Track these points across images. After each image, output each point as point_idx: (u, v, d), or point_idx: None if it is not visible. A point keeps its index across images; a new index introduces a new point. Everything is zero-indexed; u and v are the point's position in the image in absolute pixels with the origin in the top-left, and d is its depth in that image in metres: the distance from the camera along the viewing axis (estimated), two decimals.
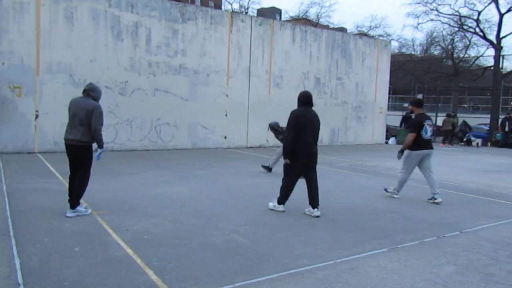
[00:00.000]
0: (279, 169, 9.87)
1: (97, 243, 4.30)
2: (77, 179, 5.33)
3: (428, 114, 27.89)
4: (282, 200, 5.92)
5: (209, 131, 14.39)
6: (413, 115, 7.21)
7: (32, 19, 11.28)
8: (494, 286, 3.59)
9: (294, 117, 5.66)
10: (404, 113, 22.11)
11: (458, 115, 29.54)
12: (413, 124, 7.01)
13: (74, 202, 5.29)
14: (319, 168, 9.99)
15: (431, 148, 6.99)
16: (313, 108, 5.97)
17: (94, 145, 5.37)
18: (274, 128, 9.72)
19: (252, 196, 6.92)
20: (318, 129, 5.89)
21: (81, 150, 5.29)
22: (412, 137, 6.87)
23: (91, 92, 5.41)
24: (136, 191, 6.83)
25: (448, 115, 21.27)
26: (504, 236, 5.09)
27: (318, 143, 6.02)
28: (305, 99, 5.82)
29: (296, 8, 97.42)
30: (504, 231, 5.34)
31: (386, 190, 7.42)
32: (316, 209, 5.78)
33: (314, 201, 5.83)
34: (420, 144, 6.87)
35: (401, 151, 7.20)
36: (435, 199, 6.89)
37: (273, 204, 6.00)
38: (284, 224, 5.26)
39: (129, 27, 12.72)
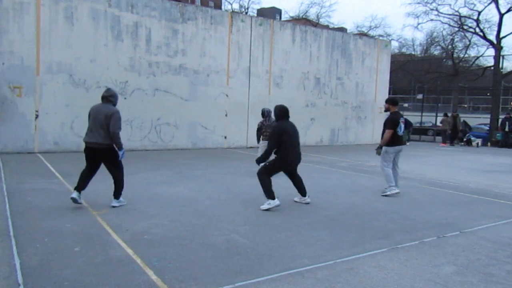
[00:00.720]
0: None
1: (97, 243, 4.30)
2: (113, 175, 5.80)
3: (428, 114, 27.89)
4: (271, 194, 6.04)
5: (209, 131, 14.40)
6: (389, 113, 7.53)
7: (32, 19, 11.28)
8: (494, 286, 3.59)
9: (279, 132, 6.07)
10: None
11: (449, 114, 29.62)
12: (390, 121, 7.35)
13: (117, 193, 5.82)
14: (319, 168, 10.02)
15: (403, 144, 7.58)
16: (313, 108, 6.04)
17: None
18: (264, 115, 9.05)
19: (252, 196, 6.91)
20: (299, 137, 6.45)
21: (105, 151, 5.68)
22: (390, 134, 7.30)
23: (111, 98, 5.80)
24: (136, 191, 6.83)
25: (445, 115, 21.33)
26: (504, 236, 5.09)
27: (318, 143, 6.07)
28: (284, 113, 6.25)
29: (296, 8, 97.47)
30: (504, 231, 5.34)
31: (385, 194, 7.35)
32: (307, 197, 6.46)
33: (303, 191, 6.49)
34: (395, 140, 7.36)
35: (380, 147, 7.61)
36: (386, 193, 7.30)
37: (267, 203, 6.01)
38: (284, 224, 5.26)
39: (129, 27, 12.72)
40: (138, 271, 3.62)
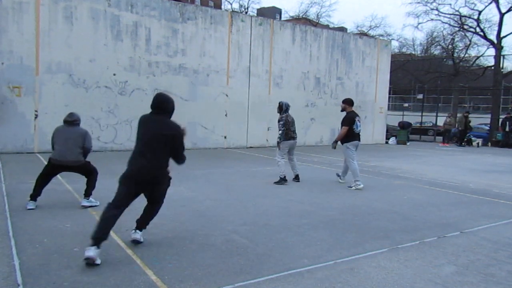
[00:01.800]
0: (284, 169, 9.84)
1: None
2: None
3: (429, 114, 27.95)
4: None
5: (209, 131, 14.39)
6: (346, 112, 8.30)
7: (32, 19, 11.27)
8: (494, 287, 3.59)
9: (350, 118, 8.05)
10: (400, 122, 22.15)
11: (458, 115, 29.50)
12: (347, 119, 8.09)
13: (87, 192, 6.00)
14: (319, 168, 10.03)
15: (359, 140, 8.23)
16: (313, 108, 6.11)
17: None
18: (282, 108, 8.39)
19: (252, 196, 6.91)
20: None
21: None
22: (345, 130, 8.01)
23: (76, 122, 6.40)
24: None
25: (449, 116, 21.45)
26: (504, 236, 5.08)
27: (318, 143, 6.12)
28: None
29: (296, 7, 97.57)
30: (504, 231, 5.34)
31: (349, 186, 7.90)
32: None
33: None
34: (353, 136, 8.05)
35: (335, 142, 8.27)
36: (351, 187, 7.85)
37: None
38: (284, 224, 5.26)
39: (128, 27, 12.72)
40: (138, 271, 3.61)
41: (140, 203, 4.41)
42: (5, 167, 8.84)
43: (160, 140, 4.16)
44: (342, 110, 8.39)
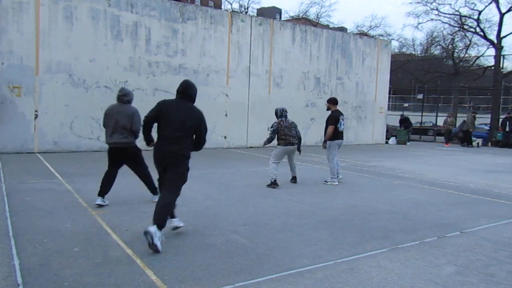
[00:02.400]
0: (285, 169, 9.86)
1: (97, 243, 4.29)
2: (138, 173, 6.11)
3: (429, 114, 27.84)
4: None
5: (209, 131, 14.32)
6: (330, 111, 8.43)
7: (32, 19, 11.27)
8: (494, 287, 3.59)
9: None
10: (402, 114, 22.09)
11: (459, 115, 29.41)
12: (332, 118, 8.25)
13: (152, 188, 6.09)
14: (319, 168, 10.04)
15: (343, 138, 8.49)
16: (313, 108, 6.11)
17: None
18: (276, 114, 8.21)
19: (252, 196, 6.91)
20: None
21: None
22: (332, 129, 8.20)
23: (124, 97, 6.07)
24: (136, 191, 6.82)
25: (450, 116, 21.11)
26: (504, 236, 5.08)
27: (318, 143, 6.21)
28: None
29: (296, 7, 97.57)
30: (504, 231, 5.33)
31: (325, 181, 8.31)
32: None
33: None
34: (337, 134, 8.27)
35: (325, 142, 8.40)
36: (327, 182, 8.29)
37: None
38: (284, 224, 5.26)
39: (128, 26, 12.71)
40: (138, 271, 3.61)
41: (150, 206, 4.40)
42: (5, 167, 8.84)
43: (188, 125, 4.48)
44: (327, 109, 8.55)
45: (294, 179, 8.34)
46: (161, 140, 4.46)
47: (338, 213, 5.95)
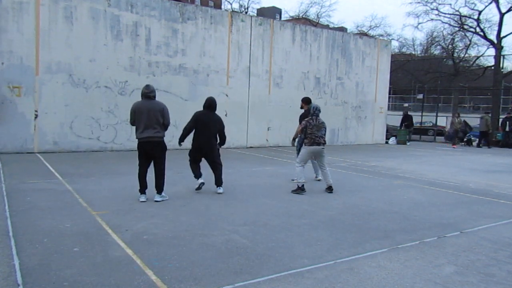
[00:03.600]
0: (285, 169, 9.88)
1: (97, 243, 4.29)
2: (159, 169, 6.35)
3: (429, 114, 27.43)
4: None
5: None
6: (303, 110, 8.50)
7: (32, 19, 11.27)
8: (494, 287, 3.59)
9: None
10: (403, 113, 21.90)
11: (462, 115, 29.37)
12: (303, 117, 8.11)
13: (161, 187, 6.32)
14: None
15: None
16: None
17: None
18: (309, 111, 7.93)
19: (252, 196, 6.91)
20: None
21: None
22: (302, 127, 7.68)
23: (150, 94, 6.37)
24: (136, 191, 6.82)
25: (457, 116, 20.25)
26: (504, 236, 5.08)
27: None
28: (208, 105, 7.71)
29: (296, 7, 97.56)
30: (504, 231, 5.33)
31: (293, 180, 8.16)
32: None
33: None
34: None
35: (294, 139, 8.05)
36: (317, 176, 8.58)
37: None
38: (284, 224, 5.26)
39: (128, 26, 12.71)
40: (138, 271, 3.61)
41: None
42: (5, 167, 8.84)
43: (214, 127, 7.02)
44: (301, 108, 8.71)
45: (329, 189, 7.37)
46: (199, 138, 6.99)
47: (338, 213, 5.95)
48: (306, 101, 8.69)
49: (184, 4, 14.35)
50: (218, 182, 7.10)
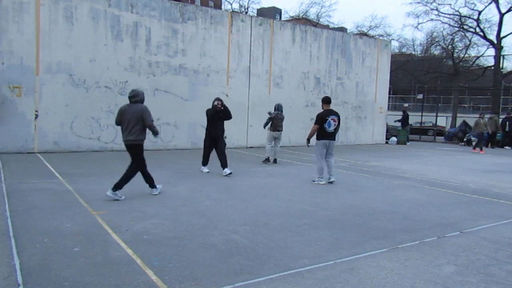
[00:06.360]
0: (285, 169, 9.90)
1: (97, 243, 4.29)
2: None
3: (429, 114, 27.43)
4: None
5: None
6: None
7: (32, 19, 11.27)
8: (494, 286, 3.59)
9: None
10: (402, 113, 21.81)
11: (458, 115, 29.40)
12: (317, 117, 8.14)
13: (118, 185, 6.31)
14: None
15: (333, 139, 8.23)
16: (313, 108, 6.20)
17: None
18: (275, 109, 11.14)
19: (252, 196, 6.91)
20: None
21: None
22: (315, 128, 8.11)
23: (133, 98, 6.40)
24: (136, 191, 6.83)
25: (483, 117, 17.87)
26: (504, 236, 5.08)
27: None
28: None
29: (296, 8, 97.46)
30: (504, 231, 5.34)
31: (313, 181, 8.34)
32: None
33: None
34: (322, 134, 8.11)
35: (308, 140, 8.39)
36: (314, 181, 8.29)
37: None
38: (284, 224, 5.26)
39: (129, 27, 12.71)
40: (138, 271, 3.61)
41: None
42: (5, 167, 8.84)
43: (220, 118, 9.12)
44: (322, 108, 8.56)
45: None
46: (211, 128, 9.07)
47: (338, 213, 5.96)
48: (324, 100, 8.31)
49: (184, 4, 14.35)
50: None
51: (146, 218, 5.28)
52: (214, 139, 9.05)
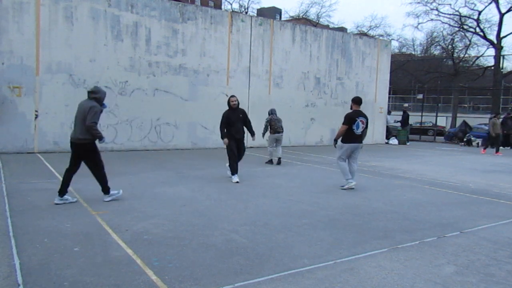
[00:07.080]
0: (285, 169, 9.92)
1: (97, 243, 4.29)
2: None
3: (429, 114, 27.46)
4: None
5: (209, 131, 14.38)
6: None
7: (32, 19, 11.27)
8: (494, 286, 3.59)
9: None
10: (402, 113, 21.81)
11: (458, 115, 29.39)
12: (345, 117, 7.69)
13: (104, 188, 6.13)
14: (319, 168, 10.01)
15: (360, 142, 7.74)
16: (313, 108, 6.11)
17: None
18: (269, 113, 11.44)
19: (252, 196, 6.91)
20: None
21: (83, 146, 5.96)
22: (343, 129, 7.61)
23: (92, 94, 5.96)
24: (136, 191, 6.83)
25: (497, 117, 17.26)
26: (504, 236, 5.08)
27: (318, 143, 6.14)
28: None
29: (296, 8, 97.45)
30: (504, 231, 5.34)
31: (342, 186, 7.82)
32: None
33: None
34: (350, 136, 7.62)
35: (335, 141, 7.86)
36: (343, 186, 7.74)
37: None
38: (284, 224, 5.26)
39: (129, 27, 12.72)
40: (138, 271, 3.61)
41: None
42: (5, 167, 8.84)
43: (243, 120, 8.56)
44: (351, 108, 7.93)
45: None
46: (235, 129, 8.35)
47: (338, 213, 5.96)
48: (355, 101, 7.77)
49: (184, 4, 14.35)
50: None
51: (146, 218, 5.28)
52: (239, 140, 8.36)
